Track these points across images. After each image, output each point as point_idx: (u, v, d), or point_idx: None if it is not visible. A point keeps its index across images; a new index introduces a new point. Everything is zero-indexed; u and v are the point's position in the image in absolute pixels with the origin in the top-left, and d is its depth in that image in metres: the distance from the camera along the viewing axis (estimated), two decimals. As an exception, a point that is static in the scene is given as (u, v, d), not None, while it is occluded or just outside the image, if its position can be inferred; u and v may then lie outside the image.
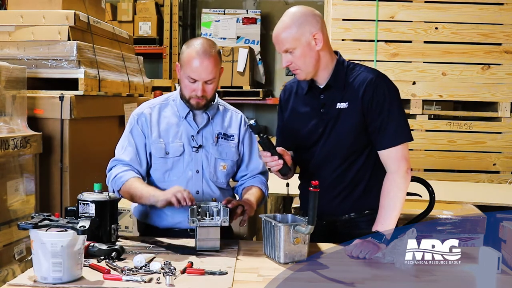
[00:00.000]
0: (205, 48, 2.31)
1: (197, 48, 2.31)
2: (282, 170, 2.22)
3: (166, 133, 2.43)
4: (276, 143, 2.46)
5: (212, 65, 2.30)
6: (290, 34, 2.19)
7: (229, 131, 2.51)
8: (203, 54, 2.29)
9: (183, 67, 2.34)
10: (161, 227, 2.45)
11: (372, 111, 2.23)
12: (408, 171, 2.23)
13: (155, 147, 2.41)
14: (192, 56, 2.30)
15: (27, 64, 3.55)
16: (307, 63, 2.23)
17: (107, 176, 2.43)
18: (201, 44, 2.32)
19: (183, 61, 2.34)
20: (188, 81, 2.34)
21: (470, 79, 4.41)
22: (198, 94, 2.34)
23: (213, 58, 2.31)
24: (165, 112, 2.47)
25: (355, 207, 2.35)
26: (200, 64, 2.29)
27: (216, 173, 2.46)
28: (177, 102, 2.47)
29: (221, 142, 2.47)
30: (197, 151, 2.42)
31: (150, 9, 7.36)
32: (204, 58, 2.29)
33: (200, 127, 2.45)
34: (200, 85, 2.32)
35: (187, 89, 2.36)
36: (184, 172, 2.41)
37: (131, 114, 2.51)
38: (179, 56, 2.39)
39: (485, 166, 4.41)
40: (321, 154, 2.33)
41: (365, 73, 2.28)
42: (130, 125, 2.47)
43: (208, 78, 2.32)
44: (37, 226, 1.78)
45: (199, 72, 2.30)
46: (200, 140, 2.44)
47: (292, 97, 2.42)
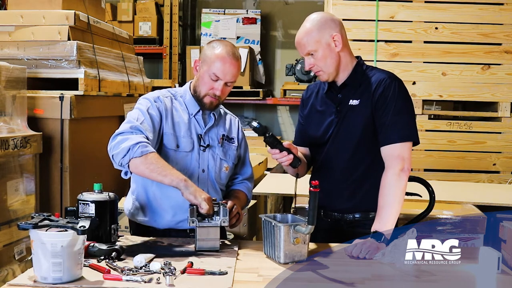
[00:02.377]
0: (234, 51, 2.38)
1: (228, 49, 2.36)
2: (293, 163, 2.27)
3: (178, 126, 2.41)
4: (295, 140, 2.59)
5: (237, 69, 2.38)
6: (311, 37, 2.31)
7: (231, 134, 2.54)
8: (233, 56, 2.36)
9: (208, 64, 2.36)
10: (160, 227, 2.43)
11: (381, 107, 2.30)
12: (404, 170, 2.24)
13: (167, 137, 2.38)
14: (223, 55, 2.34)
15: (27, 64, 3.55)
16: (328, 64, 2.33)
17: (116, 139, 2.20)
18: (230, 47, 2.39)
19: (210, 59, 2.35)
20: (210, 78, 2.36)
21: (470, 79, 4.41)
22: (216, 93, 2.37)
23: (239, 63, 2.39)
24: (176, 105, 2.45)
25: (360, 207, 2.39)
26: (229, 64, 2.34)
27: (220, 174, 2.47)
28: (186, 99, 2.46)
29: (225, 144, 2.50)
30: (204, 150, 2.43)
31: (150, 9, 7.35)
32: (233, 59, 2.35)
33: (207, 127, 2.46)
34: (221, 85, 2.36)
35: (207, 86, 2.38)
36: (190, 170, 2.40)
37: (142, 98, 2.40)
38: (202, 53, 2.42)
39: (485, 166, 4.41)
40: (331, 149, 2.40)
41: (379, 73, 2.38)
42: (144, 105, 2.35)
43: (231, 80, 2.37)
44: (37, 226, 1.78)
45: (225, 72, 2.34)
46: (207, 140, 2.45)
47: (313, 96, 2.52)
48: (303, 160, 2.45)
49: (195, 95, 2.44)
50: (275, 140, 2.22)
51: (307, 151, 2.54)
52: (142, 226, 2.48)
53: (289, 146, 2.26)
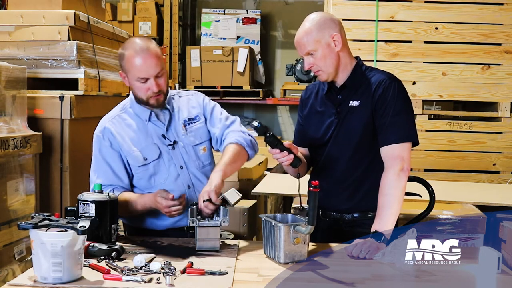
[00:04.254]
0: (142, 44, 2.29)
1: (134, 48, 2.28)
2: (293, 163, 2.27)
3: (136, 140, 2.39)
4: (294, 140, 2.57)
5: (156, 57, 2.28)
6: (311, 37, 2.30)
7: (192, 113, 2.48)
8: (143, 50, 2.27)
9: (128, 72, 2.31)
10: (160, 228, 2.43)
11: (380, 108, 2.31)
12: (404, 170, 2.25)
13: (131, 157, 2.38)
14: (133, 57, 2.27)
15: (27, 64, 3.56)
16: (328, 64, 2.33)
17: None
18: (136, 43, 2.30)
19: (126, 66, 2.31)
20: (139, 83, 2.30)
21: (470, 79, 4.41)
22: (154, 91, 2.30)
23: (153, 51, 2.29)
24: (127, 120, 2.42)
25: (359, 207, 2.39)
26: (145, 60, 2.26)
27: (200, 159, 2.45)
28: (135, 109, 2.42)
29: (190, 128, 2.45)
30: (173, 147, 2.40)
31: (150, 9, 7.36)
32: (145, 53, 2.27)
33: (166, 124, 2.42)
34: (153, 81, 2.29)
35: (142, 91, 2.32)
36: (168, 173, 2.39)
37: (94, 134, 2.44)
38: (120, 63, 2.35)
39: (485, 166, 4.41)
40: (331, 150, 2.40)
41: (379, 74, 2.38)
42: (97, 145, 2.41)
43: (157, 72, 2.29)
44: (37, 226, 1.78)
45: (147, 69, 2.27)
46: (172, 136, 2.42)
47: (312, 97, 2.52)
48: (303, 161, 2.45)
49: (140, 102, 2.39)
50: (276, 140, 2.22)
51: (306, 152, 2.54)
52: (140, 229, 2.46)
53: (290, 146, 2.26)
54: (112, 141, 2.38)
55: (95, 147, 2.42)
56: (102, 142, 2.39)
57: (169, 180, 2.39)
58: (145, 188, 2.40)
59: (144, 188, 2.41)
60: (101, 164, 2.39)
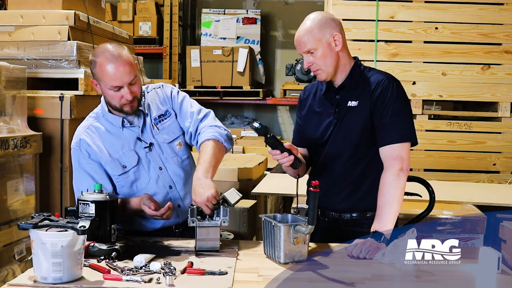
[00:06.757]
0: (114, 51, 2.22)
1: (106, 55, 2.22)
2: (293, 164, 2.27)
3: (113, 148, 2.36)
4: (293, 140, 2.56)
5: (128, 64, 2.23)
6: (312, 35, 2.29)
7: (161, 109, 2.43)
8: (115, 58, 2.21)
9: (100, 80, 2.25)
10: (149, 230, 2.42)
11: (379, 108, 2.31)
12: (403, 170, 2.25)
13: (110, 166, 2.36)
14: (106, 65, 2.21)
15: (27, 64, 3.56)
16: (328, 63, 2.32)
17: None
18: (108, 50, 2.23)
19: (98, 74, 2.24)
20: (112, 91, 2.25)
21: (470, 79, 4.41)
22: (128, 99, 2.25)
23: (126, 58, 2.23)
24: (101, 129, 2.38)
25: (358, 207, 2.40)
26: (117, 69, 2.20)
27: (178, 154, 2.42)
28: (108, 116, 2.38)
29: (162, 126, 2.41)
30: (150, 150, 2.38)
31: (150, 9, 7.36)
32: (118, 61, 2.21)
33: (141, 127, 2.38)
34: (126, 89, 2.24)
35: (115, 99, 2.27)
36: (149, 176, 2.38)
37: (71, 146, 2.40)
38: (92, 71, 2.27)
39: (485, 166, 4.41)
40: (330, 150, 2.40)
41: (377, 74, 2.38)
42: (76, 157, 2.37)
43: (131, 79, 2.24)
44: (37, 226, 1.78)
45: (120, 77, 2.21)
46: (147, 138, 2.38)
47: (310, 97, 2.52)
48: (303, 162, 2.45)
49: (113, 109, 2.34)
50: (276, 141, 2.22)
51: (305, 152, 2.54)
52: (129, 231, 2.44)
53: (290, 147, 2.26)
54: (90, 152, 2.35)
55: (74, 160, 2.39)
56: (80, 154, 2.36)
57: (150, 183, 2.38)
58: (128, 195, 2.38)
59: (127, 195, 2.38)
60: (82, 177, 2.36)
